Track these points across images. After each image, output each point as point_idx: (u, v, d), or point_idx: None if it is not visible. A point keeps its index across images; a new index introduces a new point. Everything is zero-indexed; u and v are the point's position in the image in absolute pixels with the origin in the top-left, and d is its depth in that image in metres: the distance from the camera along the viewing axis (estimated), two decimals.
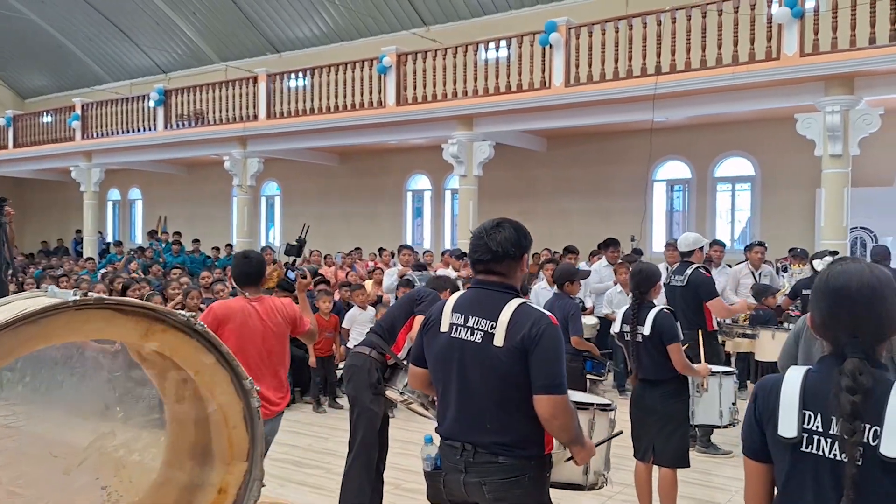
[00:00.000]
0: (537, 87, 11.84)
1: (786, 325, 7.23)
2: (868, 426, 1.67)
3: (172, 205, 21.44)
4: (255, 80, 15.57)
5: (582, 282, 7.02)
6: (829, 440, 1.73)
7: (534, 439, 2.48)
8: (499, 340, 2.43)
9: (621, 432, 3.06)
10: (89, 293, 2.17)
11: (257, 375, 3.49)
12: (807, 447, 1.76)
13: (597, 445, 2.90)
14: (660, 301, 4.65)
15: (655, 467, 4.42)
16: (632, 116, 11.38)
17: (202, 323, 2.45)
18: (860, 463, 1.67)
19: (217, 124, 16.20)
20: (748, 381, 7.68)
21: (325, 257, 12.98)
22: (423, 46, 14.33)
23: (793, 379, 1.81)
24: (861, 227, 11.76)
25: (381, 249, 12.56)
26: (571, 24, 11.56)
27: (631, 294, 4.41)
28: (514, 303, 2.49)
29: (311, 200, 19.35)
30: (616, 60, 11.12)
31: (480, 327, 2.48)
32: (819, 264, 7.18)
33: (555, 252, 10.05)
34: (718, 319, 6.75)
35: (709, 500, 5.19)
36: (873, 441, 1.67)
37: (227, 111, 16.08)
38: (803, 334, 3.45)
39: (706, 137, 13.63)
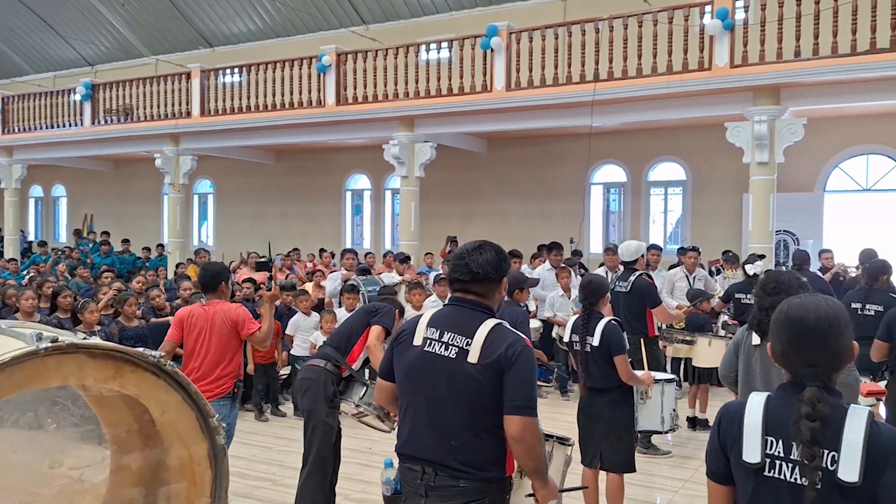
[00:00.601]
0: (479, 91, 11.94)
1: (722, 332, 7.51)
2: (826, 452, 1.77)
3: (99, 203, 20.68)
4: (188, 75, 15.16)
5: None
6: (790, 465, 1.82)
7: (497, 460, 2.51)
8: (473, 357, 2.45)
9: (586, 487, 3.09)
10: (59, 338, 2.10)
11: (204, 370, 4.34)
12: (769, 472, 1.85)
13: (560, 492, 2.95)
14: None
15: (602, 473, 4.53)
16: (571, 121, 11.61)
17: (172, 363, 2.43)
18: (819, 487, 1.77)
19: (147, 120, 15.71)
20: (684, 383, 7.95)
21: (262, 258, 12.73)
22: (363, 45, 14.25)
23: (755, 405, 1.91)
24: (785, 231, 12.31)
25: (321, 250, 12.43)
26: (512, 29, 11.69)
27: (581, 305, 4.51)
28: (491, 322, 2.52)
29: (246, 199, 18.99)
30: (556, 66, 11.31)
31: (455, 343, 2.50)
32: (751, 269, 7.50)
33: None
34: (659, 324, 6.96)
35: (649, 500, 5.35)
36: (831, 466, 1.76)
37: (158, 107, 15.61)
38: (742, 345, 3.58)
39: (641, 143, 14.02)
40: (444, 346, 2.52)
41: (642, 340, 5.88)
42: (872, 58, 9.21)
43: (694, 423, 7.10)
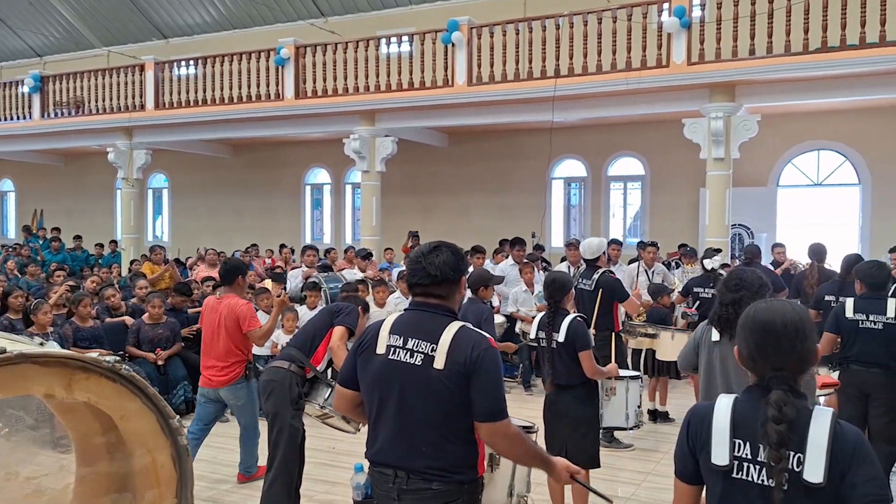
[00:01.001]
0: (440, 85, 11.90)
1: (682, 320, 7.63)
2: (792, 453, 1.81)
3: (49, 198, 20.10)
4: (142, 67, 14.80)
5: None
6: (757, 467, 1.86)
7: (468, 463, 2.49)
8: (439, 363, 2.42)
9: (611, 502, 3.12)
10: (7, 349, 2.02)
11: (217, 359, 4.93)
12: (737, 474, 1.89)
13: (590, 490, 3.04)
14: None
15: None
16: (532, 117, 11.66)
17: (128, 367, 2.36)
18: (786, 488, 1.81)
19: (99, 113, 15.31)
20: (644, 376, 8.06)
21: (220, 255, 12.50)
22: (322, 38, 14.09)
23: (723, 408, 1.94)
24: (740, 225, 12.58)
25: (282, 246, 12.27)
26: (473, 24, 11.68)
27: (544, 300, 4.53)
28: (455, 326, 2.48)
29: (202, 194, 18.67)
30: (517, 62, 11.34)
31: (420, 349, 2.46)
32: (708, 263, 7.65)
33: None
34: (623, 319, 7.05)
35: (612, 493, 5.40)
36: (797, 467, 1.81)
37: (110, 100, 15.22)
38: (702, 340, 3.63)
39: (601, 138, 14.16)
40: (408, 353, 2.48)
41: (612, 335, 5.95)
42: (823, 56, 9.44)
43: (654, 415, 7.21)
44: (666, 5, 10.23)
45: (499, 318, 8.00)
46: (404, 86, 12.30)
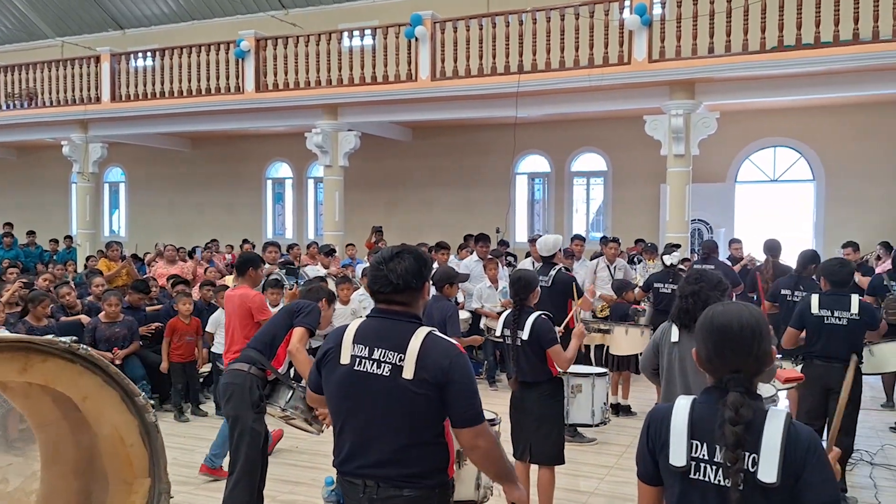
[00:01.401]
0: (404, 80, 11.85)
1: (640, 320, 7.72)
2: (748, 454, 1.85)
3: (1, 192, 19.56)
4: (98, 59, 14.44)
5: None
6: (714, 467, 1.90)
7: (439, 467, 2.47)
8: (408, 373, 2.38)
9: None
10: None
11: (235, 346, 5.01)
12: (695, 474, 1.92)
13: None
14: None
15: (533, 466, 4.58)
16: (496, 112, 11.67)
17: (85, 346, 2.32)
18: (742, 488, 1.84)
19: (53, 106, 14.90)
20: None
21: (179, 250, 12.26)
22: (282, 30, 13.91)
23: (681, 410, 1.98)
24: (699, 220, 12.78)
25: (244, 242, 12.09)
26: (437, 19, 11.64)
27: (511, 299, 4.53)
28: (422, 332, 2.45)
29: (160, 188, 18.32)
30: (481, 57, 11.34)
31: (388, 360, 2.42)
32: (668, 259, 7.77)
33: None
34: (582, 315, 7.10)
35: (576, 488, 5.45)
36: (752, 467, 1.85)
37: (64, 92, 14.83)
38: (662, 341, 3.69)
39: (564, 134, 14.25)
40: (375, 363, 2.43)
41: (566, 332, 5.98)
42: (780, 55, 9.63)
43: (617, 409, 7.29)
44: (627, 3, 10.32)
45: (463, 315, 8.00)
46: (367, 80, 12.21)
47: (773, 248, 8.23)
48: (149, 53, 14.33)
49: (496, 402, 7.27)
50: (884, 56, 9.07)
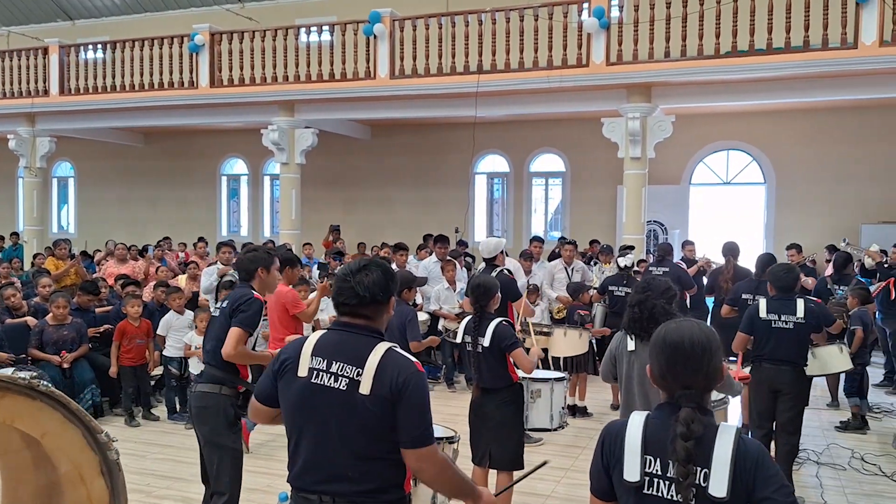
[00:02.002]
0: (362, 77, 11.74)
1: (585, 325, 7.79)
2: (699, 469, 1.88)
3: None
4: (46, 50, 13.99)
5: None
6: (666, 482, 1.93)
7: (396, 483, 2.44)
8: (365, 388, 2.34)
9: (546, 462, 3.13)
10: None
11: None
12: (648, 489, 1.95)
13: (518, 481, 3.11)
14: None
15: (492, 471, 4.58)
16: (455, 112, 11.66)
17: (46, 383, 2.24)
18: (693, 503, 1.88)
19: None
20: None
21: (130, 248, 11.94)
22: (238, 24, 13.66)
23: (635, 426, 2.01)
24: (654, 221, 12.99)
25: (199, 239, 11.84)
26: (395, 17, 11.56)
27: (471, 305, 4.52)
28: (381, 348, 2.41)
29: (111, 183, 17.89)
30: (440, 56, 11.31)
31: (345, 374, 2.38)
32: (622, 261, 7.87)
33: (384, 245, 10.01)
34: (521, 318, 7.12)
35: (532, 490, 5.47)
36: (704, 482, 1.88)
37: (10, 84, 14.33)
38: (618, 352, 3.72)
39: (523, 134, 14.32)
40: (332, 377, 2.39)
41: None
42: (734, 60, 9.82)
43: (574, 410, 7.35)
44: (586, 5, 10.39)
45: (422, 316, 7.98)
46: (325, 77, 12.08)
47: (732, 249, 8.40)
48: (99, 46, 13.93)
49: (454, 404, 7.28)
50: (833, 63, 9.32)
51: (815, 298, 6.51)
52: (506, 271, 6.52)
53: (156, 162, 17.36)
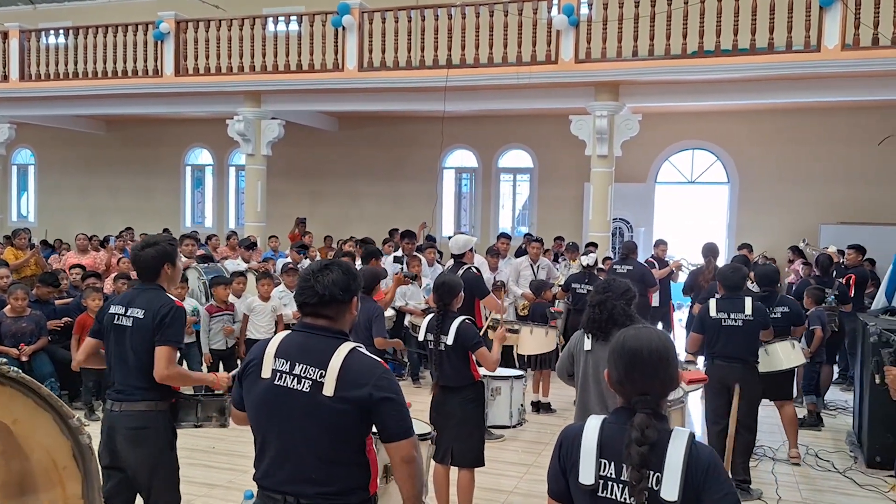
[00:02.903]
0: (330, 69, 11.66)
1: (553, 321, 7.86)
2: (652, 473, 1.93)
3: None
4: (6, 34, 13.63)
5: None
6: (620, 486, 1.97)
7: (360, 485, 2.45)
8: (328, 390, 2.34)
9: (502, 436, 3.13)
10: None
11: None
12: (602, 492, 1.99)
13: None
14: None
15: (453, 468, 4.61)
16: (424, 106, 11.64)
17: (17, 369, 2.24)
18: None
19: None
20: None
21: (91, 239, 11.70)
22: (204, 12, 13.43)
23: (591, 429, 2.05)
24: (620, 219, 13.13)
25: (165, 230, 11.66)
26: (364, 9, 11.49)
27: (434, 304, 4.53)
28: (345, 349, 2.41)
29: (72, 171, 17.53)
30: (409, 50, 11.26)
31: (308, 375, 2.38)
32: (585, 259, 7.95)
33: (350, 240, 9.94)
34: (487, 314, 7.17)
35: (495, 486, 5.50)
36: (656, 486, 1.93)
37: None
38: (576, 350, 3.77)
39: (491, 130, 14.35)
40: (295, 378, 2.40)
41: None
42: (700, 61, 9.95)
43: (537, 407, 7.41)
44: (556, 2, 10.43)
45: (388, 312, 7.96)
46: (292, 67, 11.96)
47: (712, 250, 8.56)
48: (61, 31, 13.62)
49: (419, 399, 7.28)
50: (796, 66, 9.50)
51: (790, 297, 6.69)
52: (474, 269, 6.54)
53: (118, 150, 17.05)
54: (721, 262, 8.87)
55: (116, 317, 3.44)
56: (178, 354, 3.69)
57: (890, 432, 5.69)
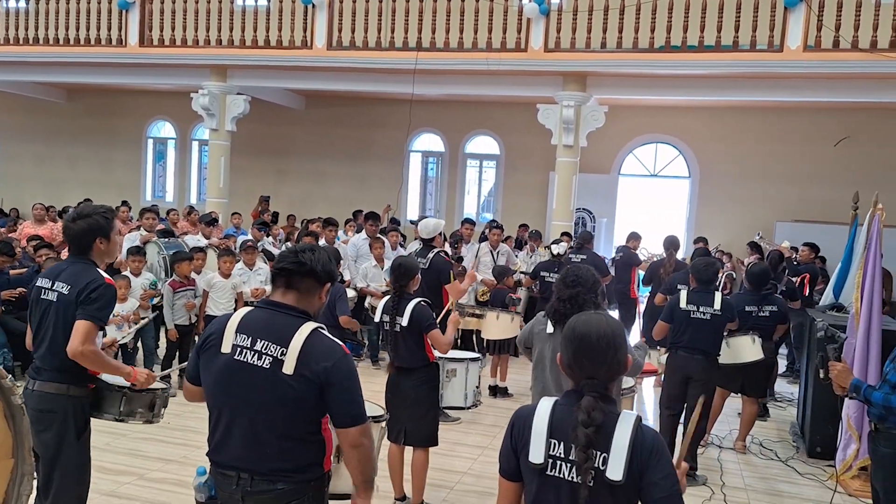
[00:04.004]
0: (298, 46, 11.51)
1: (513, 307, 7.95)
2: (599, 453, 2.01)
3: None
4: None
5: (340, 253, 7.45)
6: (568, 465, 2.05)
7: (315, 462, 2.48)
8: (288, 368, 2.36)
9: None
10: None
11: None
12: (551, 471, 2.07)
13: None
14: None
15: (407, 448, 4.66)
16: (392, 88, 11.56)
17: None
18: (592, 485, 2.00)
19: None
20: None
21: (49, 209, 11.48)
22: None
23: (543, 411, 2.12)
24: (584, 209, 13.27)
25: (123, 203, 11.46)
26: None
27: (391, 286, 4.56)
28: (307, 328, 2.42)
29: (30, 139, 17.07)
30: (379, 30, 11.18)
31: (269, 352, 2.39)
32: (555, 248, 8.04)
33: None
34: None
35: (450, 468, 5.58)
36: (602, 466, 2.01)
37: None
38: (537, 329, 3.83)
39: (459, 115, 14.34)
40: (256, 354, 2.41)
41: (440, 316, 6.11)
42: (667, 56, 10.06)
43: (495, 391, 7.51)
44: None
45: (350, 293, 7.98)
46: (260, 43, 11.79)
47: (674, 243, 8.73)
48: None
49: (377, 381, 7.31)
50: (759, 65, 9.68)
51: (779, 296, 6.86)
52: (443, 253, 6.58)
53: (79, 120, 16.64)
54: (680, 255, 9.06)
55: (42, 290, 3.23)
56: (103, 335, 3.45)
57: (831, 424, 5.90)
